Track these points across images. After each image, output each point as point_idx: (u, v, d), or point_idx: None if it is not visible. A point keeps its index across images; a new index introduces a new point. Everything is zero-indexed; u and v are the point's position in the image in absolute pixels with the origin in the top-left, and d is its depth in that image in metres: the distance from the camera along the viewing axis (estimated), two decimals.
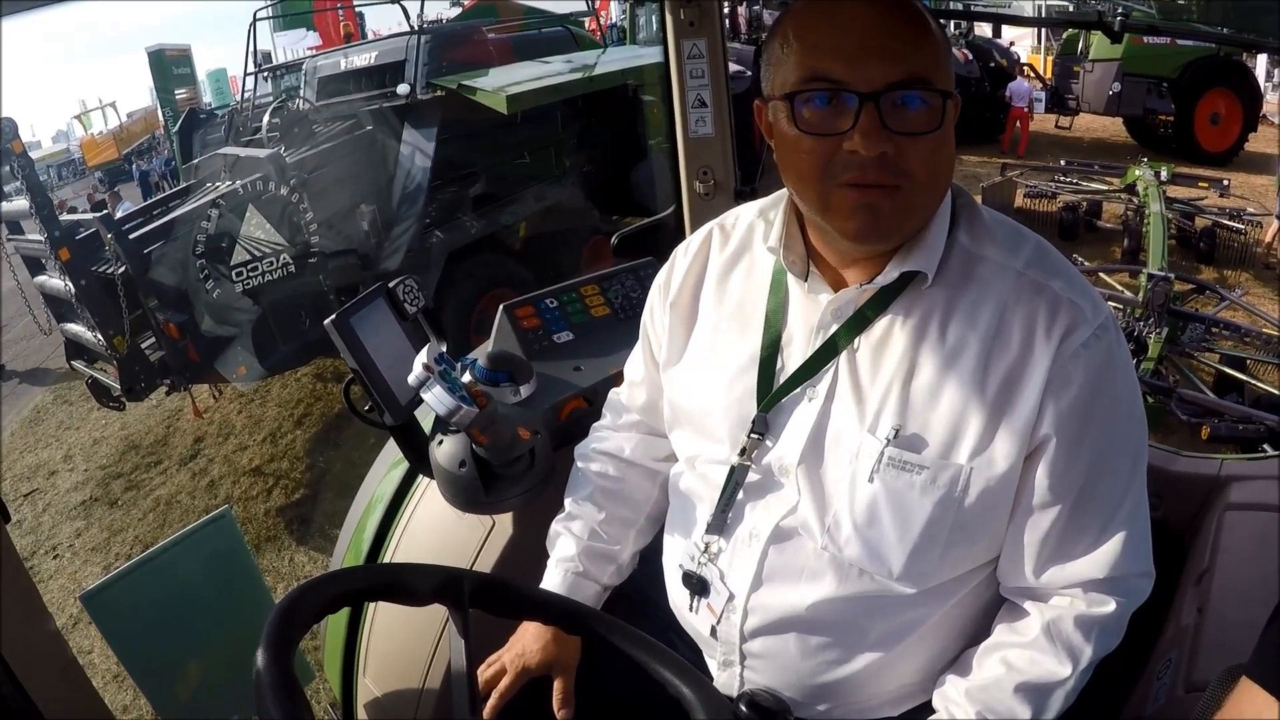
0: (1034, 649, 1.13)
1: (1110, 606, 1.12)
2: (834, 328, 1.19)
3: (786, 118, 1.09)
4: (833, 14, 1.07)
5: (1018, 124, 15.33)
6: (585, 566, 1.47)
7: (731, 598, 1.24)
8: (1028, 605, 1.17)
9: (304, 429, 7.78)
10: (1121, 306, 6.70)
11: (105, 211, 7.86)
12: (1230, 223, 9.31)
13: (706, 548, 1.28)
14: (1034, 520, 1.13)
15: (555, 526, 1.53)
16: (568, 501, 1.55)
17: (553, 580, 1.47)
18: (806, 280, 1.22)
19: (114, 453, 8.14)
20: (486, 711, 1.34)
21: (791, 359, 1.23)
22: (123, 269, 6.40)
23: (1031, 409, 1.09)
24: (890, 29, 1.05)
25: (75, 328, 7.23)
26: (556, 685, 1.38)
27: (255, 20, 9.02)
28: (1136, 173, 10.17)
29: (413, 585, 1.12)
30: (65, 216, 7.33)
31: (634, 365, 1.55)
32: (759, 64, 1.17)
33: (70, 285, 6.58)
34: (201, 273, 6.66)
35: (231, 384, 7.67)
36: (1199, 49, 14.05)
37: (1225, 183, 10.55)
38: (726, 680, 1.29)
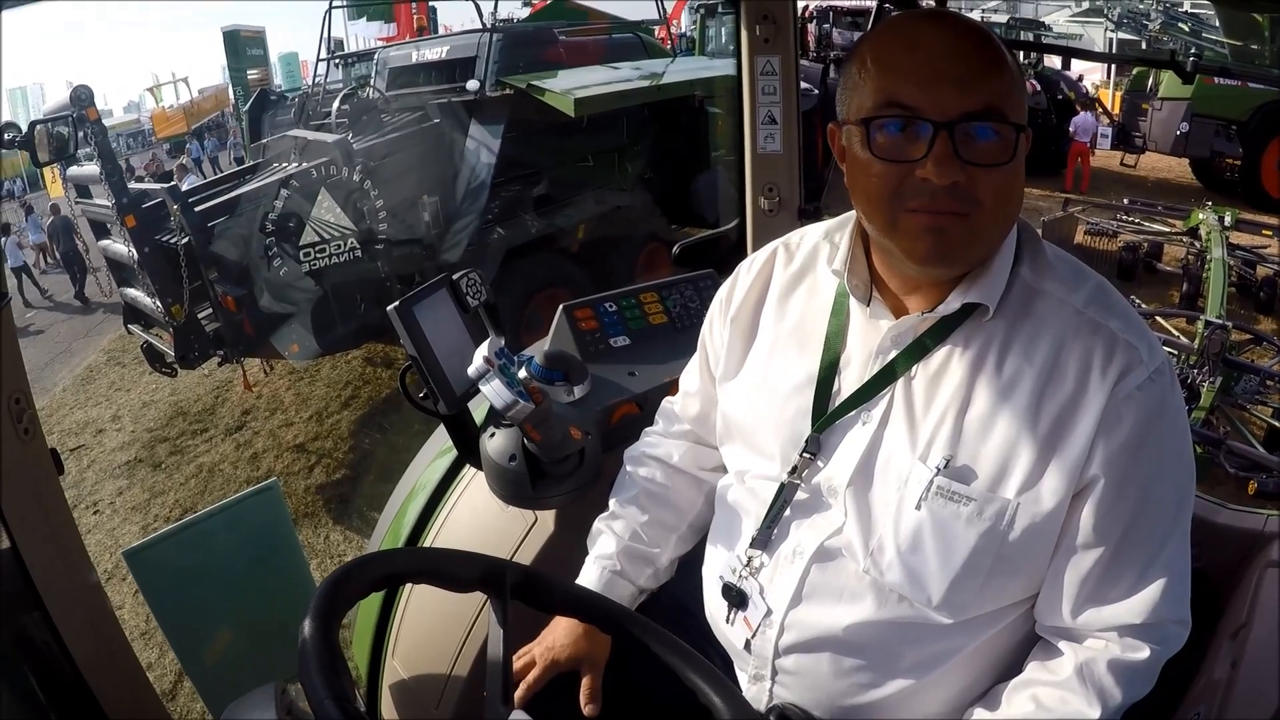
0: (1065, 689, 1.12)
1: (1145, 653, 1.12)
2: (893, 354, 1.20)
3: (860, 142, 1.10)
4: (910, 42, 1.08)
5: (1079, 160, 15.08)
6: (623, 566, 1.48)
7: (769, 613, 1.25)
8: (1062, 645, 1.17)
9: (350, 410, 7.88)
10: (1176, 352, 6.57)
11: (173, 183, 8.01)
12: None
13: (749, 561, 1.29)
14: (1075, 560, 1.12)
15: (598, 525, 1.55)
16: (612, 502, 1.57)
17: (589, 576, 1.49)
18: (869, 304, 1.23)
19: (162, 417, 8.33)
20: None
21: (848, 382, 1.24)
22: (186, 240, 6.54)
23: (1082, 448, 1.09)
24: (966, 58, 1.06)
25: (135, 292, 7.41)
26: (585, 681, 1.39)
27: (331, 8, 9.16)
28: (1200, 216, 9.98)
29: (458, 572, 1.14)
30: (133, 185, 7.48)
31: (690, 376, 1.57)
32: (826, 83, 1.18)
33: (133, 251, 6.74)
34: (268, 250, 6.80)
35: (284, 360, 7.78)
36: (1270, 93, 13.65)
37: None
38: (756, 694, 1.30)
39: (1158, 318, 7.73)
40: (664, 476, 1.55)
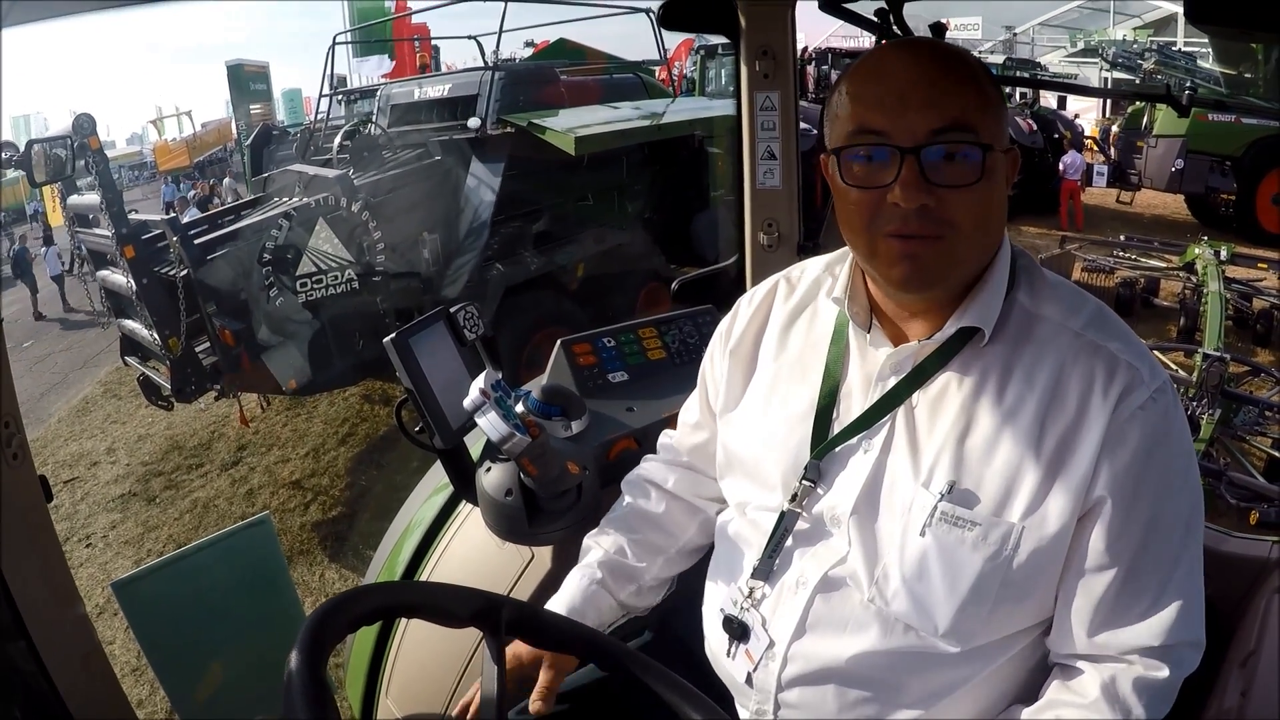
0: (1091, 711, 1.10)
1: (1165, 672, 1.10)
2: (893, 380, 1.20)
3: (838, 171, 1.13)
4: (881, 70, 1.11)
5: (1071, 198, 15.22)
6: (604, 577, 1.47)
7: (771, 645, 1.23)
8: (1082, 665, 1.15)
9: (348, 447, 7.86)
10: (1175, 386, 6.58)
11: (173, 215, 8.03)
12: None
13: (750, 593, 1.27)
14: (1087, 583, 1.11)
15: (587, 540, 1.54)
16: (604, 520, 1.56)
17: (570, 584, 1.47)
18: (869, 331, 1.24)
19: (157, 451, 8.29)
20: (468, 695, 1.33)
21: (849, 409, 1.24)
22: (184, 272, 6.53)
23: (1087, 469, 1.09)
24: (933, 81, 1.09)
25: (132, 324, 7.38)
26: (542, 678, 1.34)
27: (334, 44, 9.25)
28: (1196, 251, 10.07)
29: (452, 607, 1.13)
30: (133, 216, 7.51)
31: (689, 409, 1.57)
32: (824, 123, 1.20)
33: (132, 283, 6.72)
34: (265, 281, 6.79)
35: (280, 395, 7.76)
36: (1264, 128, 13.91)
37: None
38: None
39: (1156, 352, 7.72)
40: (657, 498, 1.55)
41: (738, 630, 1.28)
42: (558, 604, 1.44)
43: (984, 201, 1.10)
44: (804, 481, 1.24)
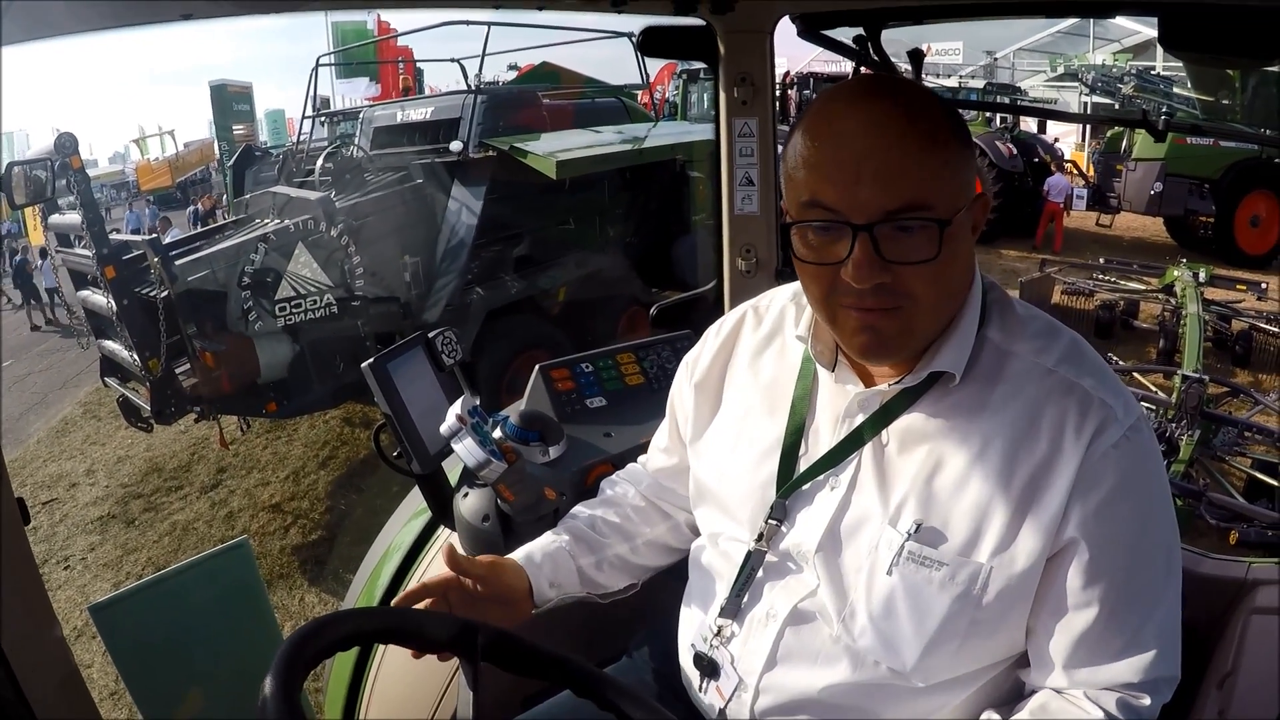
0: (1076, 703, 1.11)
1: (1146, 701, 1.10)
2: (860, 419, 1.20)
3: (794, 241, 1.12)
4: (835, 129, 1.07)
5: (1052, 220, 15.37)
6: (569, 540, 1.47)
7: (741, 682, 1.23)
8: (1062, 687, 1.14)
9: (328, 471, 7.84)
10: (1154, 407, 6.65)
11: (154, 235, 8.02)
12: (1267, 326, 9.23)
13: (719, 630, 1.27)
14: (1065, 623, 1.10)
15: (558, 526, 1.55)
16: (580, 504, 1.58)
17: (536, 541, 1.47)
18: (834, 370, 1.23)
19: (137, 473, 8.24)
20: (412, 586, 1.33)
21: (817, 446, 1.23)
22: (165, 293, 6.50)
23: (1058, 508, 1.07)
24: (887, 151, 1.03)
25: (112, 345, 7.35)
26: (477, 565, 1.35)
27: (318, 66, 9.25)
28: (1175, 273, 10.16)
29: (427, 632, 1.12)
30: (114, 235, 7.48)
31: (660, 436, 1.57)
32: (781, 175, 1.19)
33: (112, 303, 6.68)
34: (244, 304, 6.76)
35: (260, 418, 7.74)
36: (1241, 150, 14.13)
37: (1264, 286, 10.43)
38: None
39: (1135, 374, 7.82)
40: (634, 495, 1.57)
41: (708, 667, 1.28)
42: (519, 553, 1.43)
43: (943, 275, 1.08)
44: (770, 520, 1.23)
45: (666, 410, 1.53)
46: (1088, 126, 21.14)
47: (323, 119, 10.47)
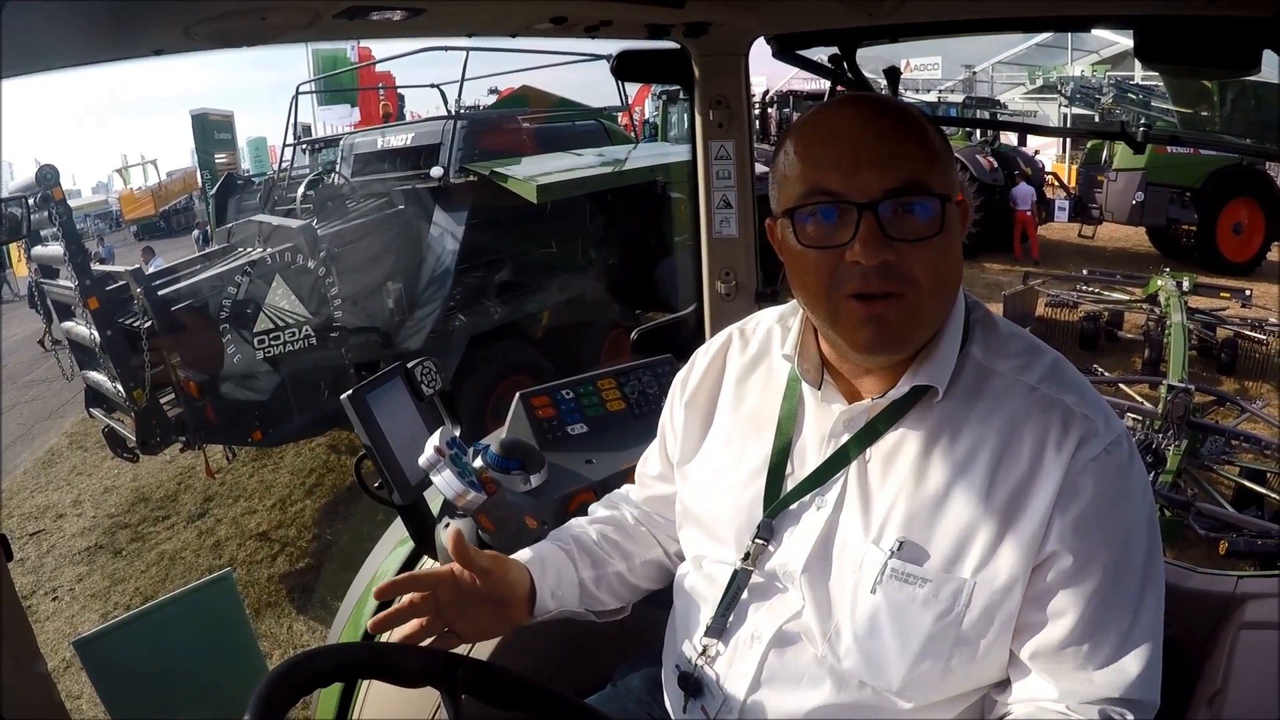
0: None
1: (1130, 717, 1.09)
2: (845, 437, 1.20)
3: (792, 233, 1.12)
4: (829, 129, 1.11)
5: (1024, 229, 15.41)
6: (573, 548, 1.46)
7: (726, 701, 1.23)
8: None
9: (314, 499, 7.79)
10: (1141, 418, 6.64)
11: (136, 266, 7.99)
12: (1252, 333, 9.23)
13: (704, 650, 1.27)
14: (1045, 636, 1.10)
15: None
16: (577, 519, 1.57)
17: (540, 543, 1.46)
18: (820, 389, 1.23)
19: (123, 503, 8.18)
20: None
21: (802, 466, 1.24)
22: (148, 323, 6.47)
23: (1039, 522, 1.08)
24: (882, 138, 1.08)
25: (97, 376, 7.30)
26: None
27: (298, 93, 9.25)
28: (1158, 283, 10.20)
29: (407, 666, 1.12)
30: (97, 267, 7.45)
31: (649, 460, 1.57)
32: (771, 185, 1.20)
33: (96, 334, 6.64)
34: (224, 336, 6.73)
35: (246, 446, 7.69)
36: (1222, 159, 14.17)
37: (1247, 293, 10.53)
38: None
39: (1120, 385, 7.82)
40: (632, 515, 1.57)
41: (693, 687, 1.27)
42: (525, 554, 1.42)
43: (943, 255, 1.10)
44: (756, 540, 1.23)
45: (657, 434, 1.53)
46: (1067, 140, 21.28)
47: (304, 147, 10.46)
